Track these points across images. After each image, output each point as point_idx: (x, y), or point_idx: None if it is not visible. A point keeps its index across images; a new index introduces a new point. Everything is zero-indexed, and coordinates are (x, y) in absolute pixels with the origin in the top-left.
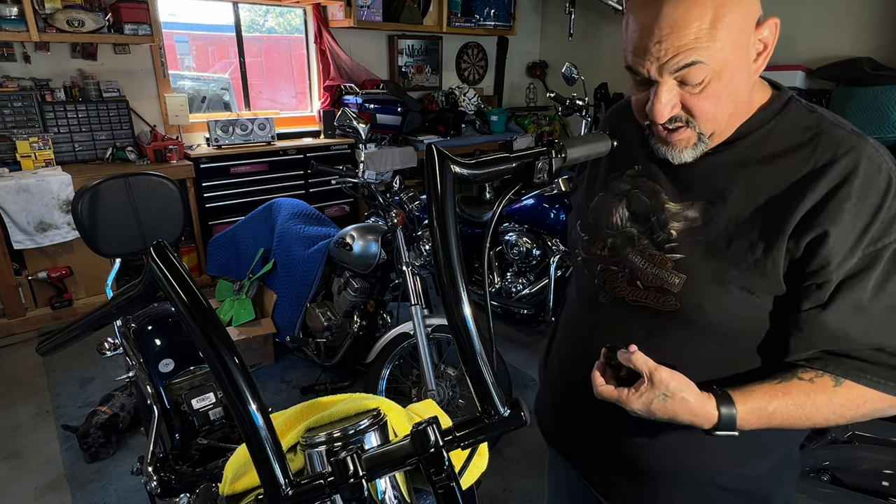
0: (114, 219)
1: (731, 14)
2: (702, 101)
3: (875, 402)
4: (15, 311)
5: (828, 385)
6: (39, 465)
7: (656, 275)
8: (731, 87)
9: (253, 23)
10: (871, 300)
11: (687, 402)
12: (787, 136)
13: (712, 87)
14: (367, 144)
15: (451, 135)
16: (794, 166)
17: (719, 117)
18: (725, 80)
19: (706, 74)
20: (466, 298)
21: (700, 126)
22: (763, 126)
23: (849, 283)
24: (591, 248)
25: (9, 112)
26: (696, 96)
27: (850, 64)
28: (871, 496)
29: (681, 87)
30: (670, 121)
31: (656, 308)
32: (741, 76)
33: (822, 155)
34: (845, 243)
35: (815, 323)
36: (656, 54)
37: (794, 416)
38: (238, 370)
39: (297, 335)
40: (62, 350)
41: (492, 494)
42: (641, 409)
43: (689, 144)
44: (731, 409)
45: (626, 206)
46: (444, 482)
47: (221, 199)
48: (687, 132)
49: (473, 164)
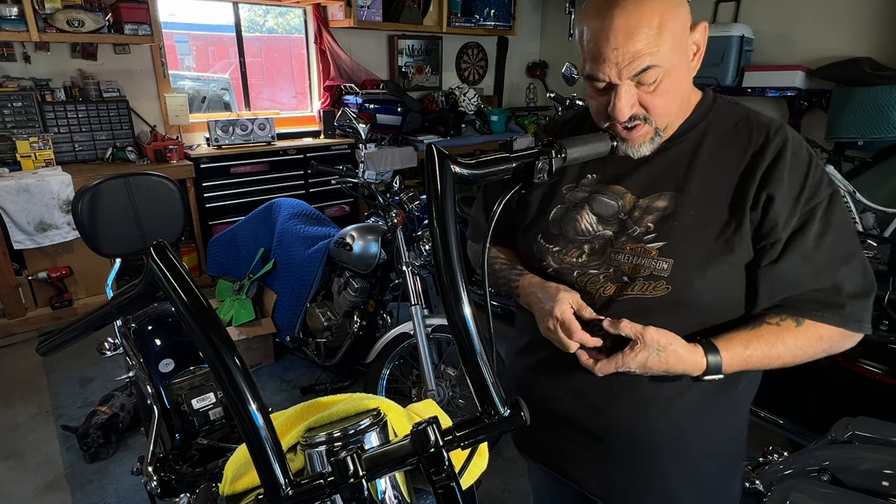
0: (114, 219)
1: (672, 21)
2: (656, 99)
3: (831, 337)
4: (15, 311)
5: (790, 326)
6: (39, 465)
7: (643, 265)
8: (678, 85)
9: (253, 23)
10: (814, 249)
11: (678, 353)
12: (725, 125)
13: (664, 85)
14: (367, 144)
15: (451, 135)
16: (739, 150)
17: (671, 111)
18: (674, 78)
19: (658, 75)
20: (466, 298)
21: (656, 121)
22: (704, 119)
23: (794, 238)
24: (564, 258)
25: (9, 112)
26: (651, 95)
27: (850, 64)
28: (871, 496)
29: (637, 87)
30: (630, 119)
31: (644, 296)
32: (684, 74)
33: (759, 138)
34: (786, 204)
35: (773, 275)
36: (614, 59)
37: (767, 357)
38: (238, 370)
39: (297, 335)
40: (62, 350)
41: (492, 494)
42: (638, 367)
43: (647, 139)
44: (717, 357)
45: (589, 211)
46: (444, 482)
47: (221, 199)
48: (645, 128)
49: (473, 164)
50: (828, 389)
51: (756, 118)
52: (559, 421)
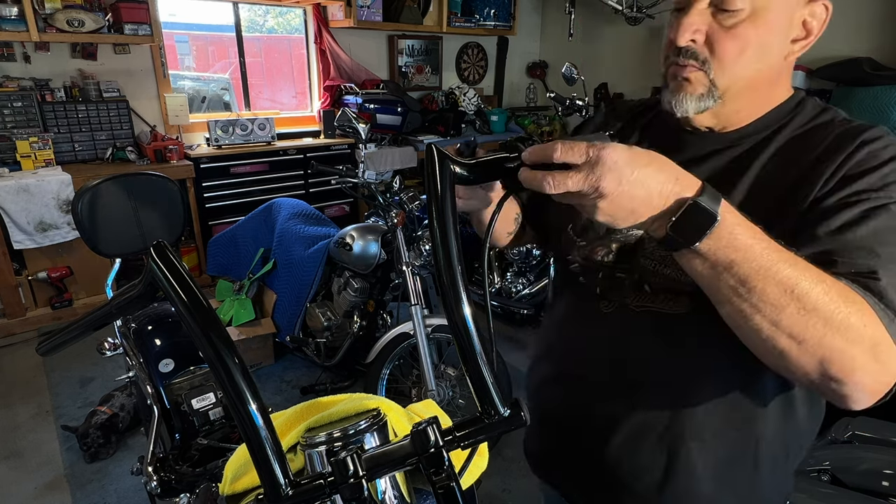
0: (114, 219)
1: None
2: (727, 40)
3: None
4: (15, 311)
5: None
6: (39, 465)
7: (668, 276)
8: (761, 44)
9: (253, 23)
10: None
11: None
12: (800, 131)
13: (743, 29)
14: (367, 144)
15: (451, 135)
16: (802, 159)
17: (738, 72)
18: (759, 30)
19: (743, 6)
20: (466, 298)
21: (714, 70)
22: (782, 121)
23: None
24: (589, 255)
25: (9, 112)
26: (724, 32)
27: (850, 64)
28: (871, 496)
29: (714, 16)
30: (686, 54)
31: (662, 311)
32: (775, 41)
33: (833, 143)
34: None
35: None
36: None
37: (774, 269)
38: (238, 370)
39: (297, 335)
40: (62, 350)
41: (492, 494)
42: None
43: (696, 91)
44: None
45: None
46: (444, 482)
47: (221, 199)
48: (698, 75)
49: (473, 165)
50: None
51: (845, 125)
52: (565, 440)
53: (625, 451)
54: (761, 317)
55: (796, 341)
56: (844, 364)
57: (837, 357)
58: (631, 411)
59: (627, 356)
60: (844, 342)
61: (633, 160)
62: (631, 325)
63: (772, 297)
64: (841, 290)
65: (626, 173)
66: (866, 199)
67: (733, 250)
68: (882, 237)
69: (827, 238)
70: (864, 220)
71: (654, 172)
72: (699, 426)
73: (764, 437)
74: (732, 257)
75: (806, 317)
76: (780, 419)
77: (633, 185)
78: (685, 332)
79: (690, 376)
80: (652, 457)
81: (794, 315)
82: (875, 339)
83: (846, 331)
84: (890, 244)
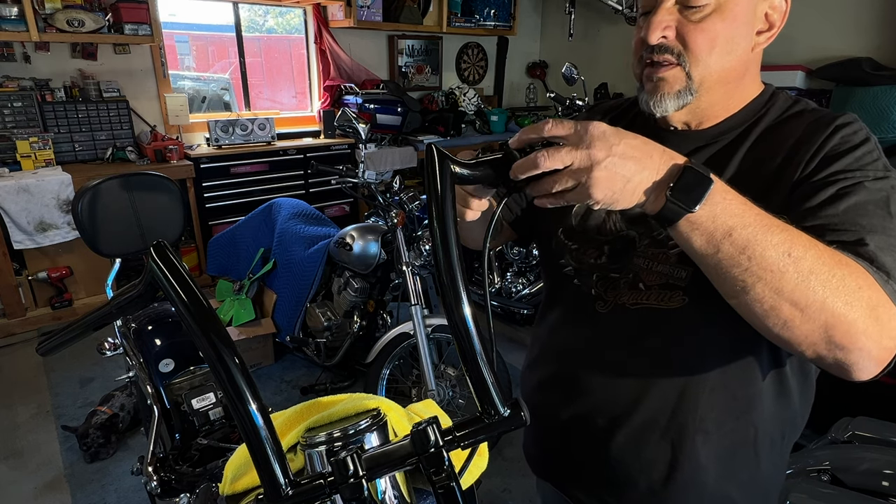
0: (114, 219)
1: None
2: (698, 34)
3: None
4: (15, 311)
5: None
6: (39, 465)
7: (662, 272)
8: (729, 36)
9: (253, 23)
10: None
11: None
12: (774, 124)
13: (712, 22)
14: (367, 144)
15: (451, 135)
16: (781, 149)
17: (711, 64)
18: (726, 23)
19: (708, 0)
20: (466, 298)
21: (690, 64)
22: (755, 117)
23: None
24: (582, 257)
25: (9, 112)
26: (693, 25)
27: (850, 64)
28: (871, 496)
29: (682, 13)
30: (660, 49)
31: (659, 307)
32: (742, 33)
33: (807, 130)
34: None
35: None
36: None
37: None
38: (238, 370)
39: (297, 335)
40: (62, 350)
41: (492, 494)
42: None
43: (674, 89)
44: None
45: None
46: (444, 482)
47: (221, 199)
48: (674, 71)
49: (473, 165)
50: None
51: (816, 114)
52: (566, 440)
53: (629, 447)
54: (763, 285)
55: (799, 308)
56: (848, 328)
57: (840, 322)
58: (633, 408)
59: (626, 354)
60: (844, 305)
61: (619, 131)
62: (628, 323)
63: (771, 261)
64: (832, 253)
65: (615, 140)
66: (843, 178)
67: (730, 216)
68: (863, 209)
69: (810, 215)
70: (844, 196)
71: (642, 143)
72: (701, 417)
73: (762, 420)
74: (731, 223)
75: (805, 282)
76: (774, 401)
77: (625, 151)
78: (682, 326)
79: (690, 369)
80: (656, 452)
81: (794, 280)
82: (872, 301)
83: (843, 293)
84: (871, 215)
